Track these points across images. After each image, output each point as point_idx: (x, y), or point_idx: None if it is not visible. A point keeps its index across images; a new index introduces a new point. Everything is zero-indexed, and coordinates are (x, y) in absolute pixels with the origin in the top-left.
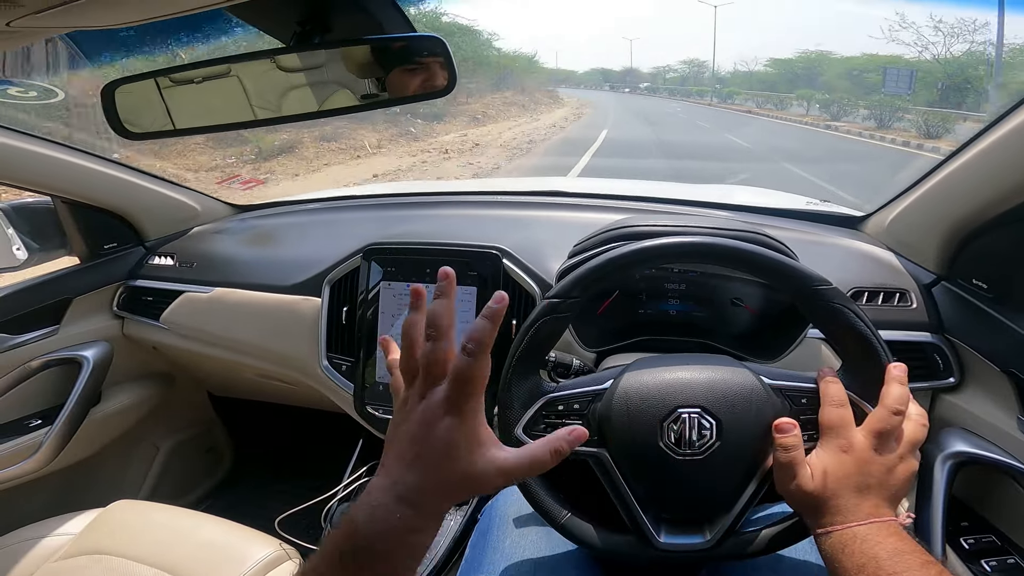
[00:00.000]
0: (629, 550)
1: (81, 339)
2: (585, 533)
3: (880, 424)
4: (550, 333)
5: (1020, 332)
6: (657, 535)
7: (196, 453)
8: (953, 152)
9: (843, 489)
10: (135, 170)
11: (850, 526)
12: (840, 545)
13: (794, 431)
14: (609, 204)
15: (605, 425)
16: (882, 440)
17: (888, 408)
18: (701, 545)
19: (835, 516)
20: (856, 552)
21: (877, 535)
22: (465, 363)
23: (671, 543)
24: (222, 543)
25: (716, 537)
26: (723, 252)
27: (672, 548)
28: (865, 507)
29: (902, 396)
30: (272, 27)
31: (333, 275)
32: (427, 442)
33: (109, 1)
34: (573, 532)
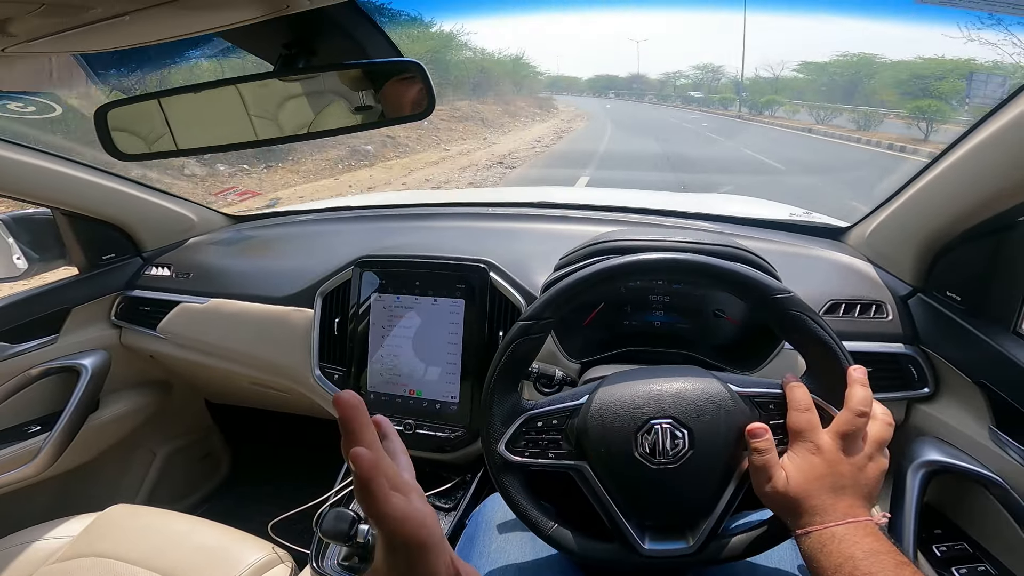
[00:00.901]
0: (615, 557)
1: (80, 348)
2: (572, 543)
3: (845, 426)
4: (526, 353)
5: (991, 344)
6: (641, 542)
7: (193, 459)
8: (929, 163)
9: (818, 490)
10: (133, 182)
11: (828, 526)
12: (819, 545)
13: (766, 435)
14: (597, 216)
15: (583, 439)
16: (849, 441)
17: (852, 410)
18: (685, 550)
19: (813, 517)
20: (834, 552)
21: (854, 535)
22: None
23: (655, 549)
24: (216, 547)
25: (699, 542)
26: (687, 267)
27: (656, 554)
28: (841, 507)
29: (865, 398)
30: (259, 50)
31: (325, 287)
32: None
33: (97, 29)
34: (560, 542)
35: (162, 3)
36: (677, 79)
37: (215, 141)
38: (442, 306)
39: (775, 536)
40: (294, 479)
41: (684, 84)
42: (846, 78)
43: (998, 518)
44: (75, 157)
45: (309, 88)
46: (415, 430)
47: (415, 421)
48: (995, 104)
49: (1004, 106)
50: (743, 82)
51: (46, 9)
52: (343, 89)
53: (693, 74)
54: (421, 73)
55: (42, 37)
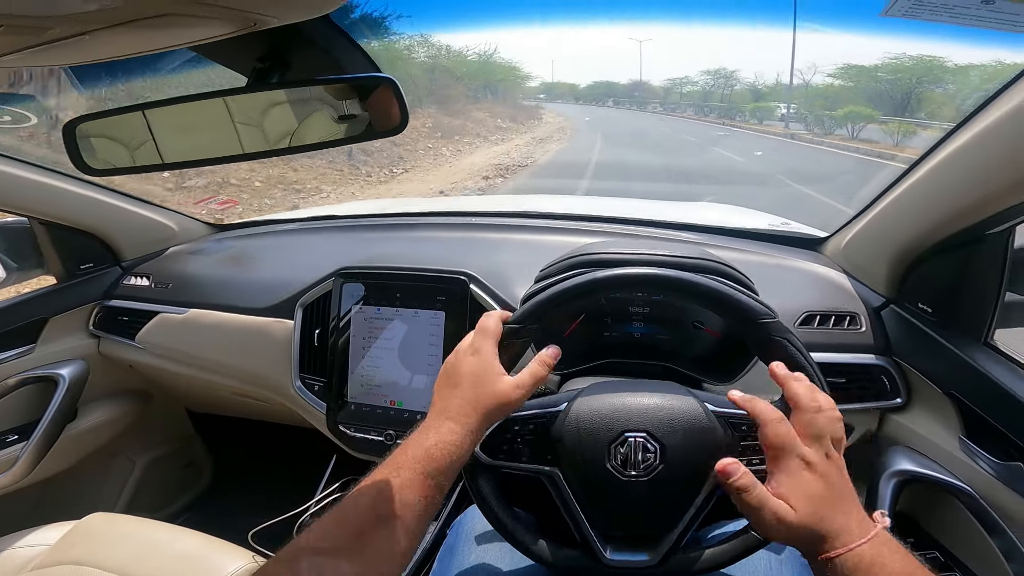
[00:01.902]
0: (577, 564)
1: (57, 357)
2: (538, 548)
3: (812, 427)
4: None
5: (961, 355)
6: (604, 551)
7: (174, 468)
8: (901, 175)
9: (829, 511)
10: (112, 191)
11: (852, 548)
12: (852, 568)
13: (741, 471)
14: (578, 227)
15: (558, 445)
16: (823, 443)
17: (808, 408)
18: (646, 563)
19: (834, 540)
20: (887, 564)
21: (881, 555)
22: (483, 317)
23: (617, 560)
24: (196, 555)
25: (660, 555)
26: (672, 283)
27: (618, 564)
28: (853, 522)
29: (809, 390)
30: (232, 62)
31: (306, 298)
32: (458, 373)
33: (61, 46)
34: (525, 545)
35: (122, 23)
36: (683, 85)
37: (194, 155)
38: (422, 318)
39: (738, 552)
40: (276, 488)
41: (692, 91)
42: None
43: (968, 527)
44: (52, 166)
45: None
46: (396, 441)
47: (396, 432)
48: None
49: (972, 119)
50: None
51: (5, 29)
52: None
53: (703, 80)
54: (394, 88)
55: (6, 54)
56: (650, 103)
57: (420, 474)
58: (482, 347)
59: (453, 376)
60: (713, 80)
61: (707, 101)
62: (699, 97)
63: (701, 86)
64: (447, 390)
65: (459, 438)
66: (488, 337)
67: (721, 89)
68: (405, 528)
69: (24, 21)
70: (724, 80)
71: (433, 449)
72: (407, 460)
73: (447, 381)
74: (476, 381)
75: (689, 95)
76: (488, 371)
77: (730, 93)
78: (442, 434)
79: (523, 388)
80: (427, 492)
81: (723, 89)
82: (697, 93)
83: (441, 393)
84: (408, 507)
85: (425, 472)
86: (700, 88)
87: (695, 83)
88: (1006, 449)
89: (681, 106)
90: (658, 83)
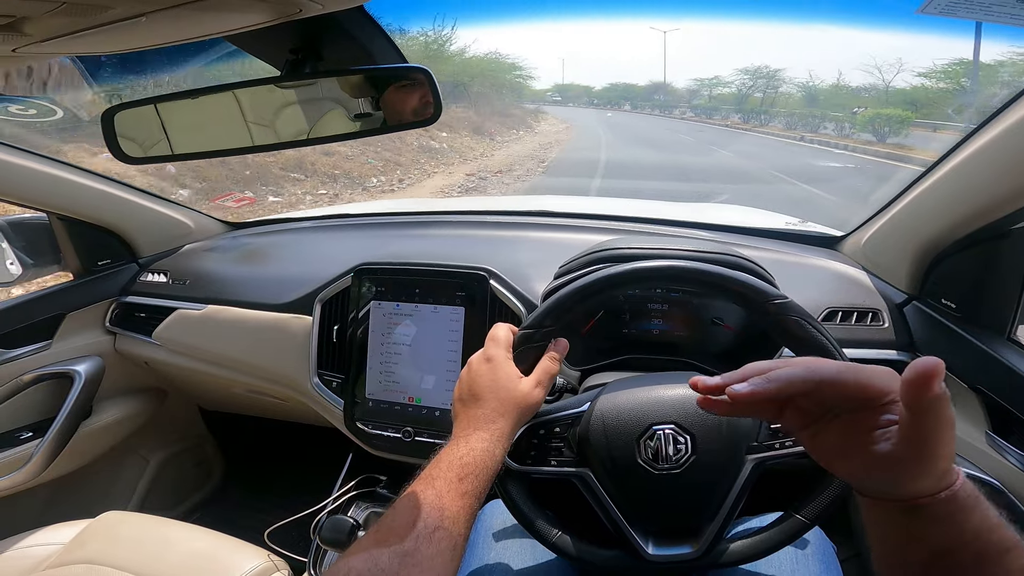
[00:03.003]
0: (620, 564)
1: (73, 354)
2: (576, 550)
3: None
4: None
5: (986, 350)
6: (645, 548)
7: (187, 466)
8: (922, 173)
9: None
10: (129, 187)
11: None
12: (971, 496)
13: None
14: (595, 224)
15: (585, 446)
16: None
17: None
18: (690, 555)
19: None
20: (974, 515)
21: (976, 493)
22: (492, 329)
23: (660, 554)
24: (211, 554)
25: (704, 547)
26: (686, 274)
27: (661, 559)
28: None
29: None
30: (266, 54)
31: (324, 294)
32: (476, 384)
33: (110, 30)
34: (564, 549)
35: (177, 5)
36: (714, 86)
37: (228, 144)
38: (442, 314)
39: (780, 540)
40: (290, 487)
41: (725, 93)
42: None
43: None
44: (73, 161)
45: (309, 95)
46: (414, 437)
47: (414, 428)
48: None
49: (997, 116)
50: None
51: (66, 8)
52: (343, 96)
53: (738, 80)
54: (428, 78)
55: (55, 38)
56: (677, 106)
57: (455, 483)
58: (495, 355)
59: (472, 388)
60: (751, 80)
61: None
62: (734, 100)
63: (735, 88)
64: (469, 403)
65: (489, 444)
66: (500, 345)
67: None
68: (450, 539)
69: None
70: (767, 81)
71: (466, 458)
72: (440, 471)
73: (467, 394)
74: (495, 387)
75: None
76: (505, 376)
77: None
78: (472, 443)
79: (541, 384)
80: (465, 501)
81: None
82: (731, 96)
83: (463, 407)
84: (448, 518)
85: (460, 480)
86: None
87: (728, 84)
88: None
89: (721, 110)
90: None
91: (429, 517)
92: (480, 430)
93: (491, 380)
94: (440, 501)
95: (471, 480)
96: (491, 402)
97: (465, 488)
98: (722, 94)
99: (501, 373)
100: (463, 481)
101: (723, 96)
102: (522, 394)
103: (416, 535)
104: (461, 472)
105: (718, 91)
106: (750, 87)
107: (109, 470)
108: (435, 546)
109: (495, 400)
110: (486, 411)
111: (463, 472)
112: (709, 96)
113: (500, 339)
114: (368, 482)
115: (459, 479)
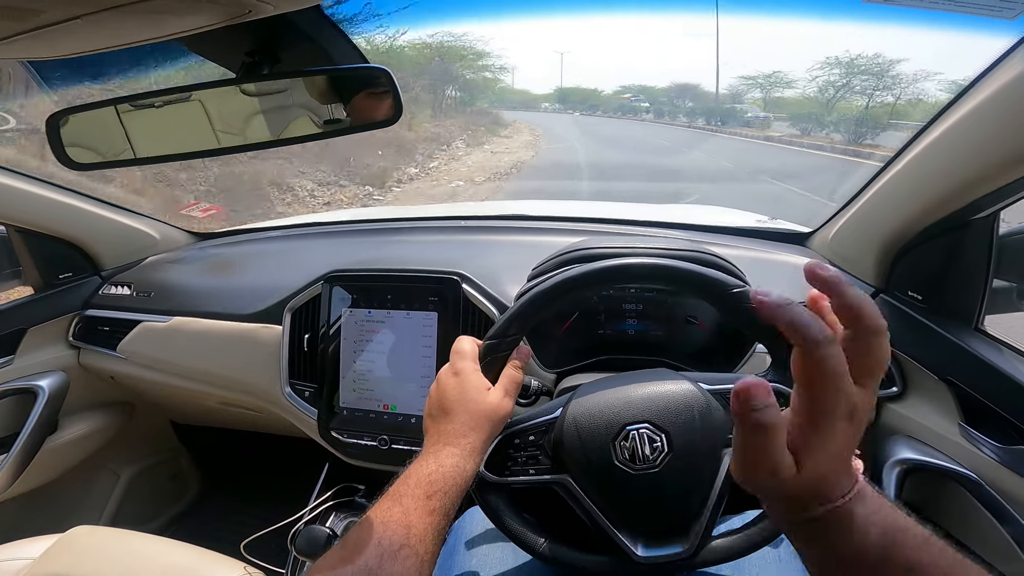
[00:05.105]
0: (611, 568)
1: (36, 369)
2: (565, 557)
3: (874, 354)
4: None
5: (954, 341)
6: (635, 550)
7: (160, 480)
8: (883, 166)
9: (831, 471)
10: (91, 198)
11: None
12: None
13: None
14: (567, 227)
15: (561, 452)
16: (876, 382)
17: (879, 330)
18: (681, 554)
19: (817, 500)
20: (856, 528)
21: (869, 504)
22: (456, 341)
23: (650, 556)
24: (186, 567)
25: (694, 545)
26: (642, 271)
27: (652, 560)
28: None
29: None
30: (220, 57)
31: (294, 303)
32: (444, 399)
33: (48, 34)
34: (552, 558)
35: (116, 7)
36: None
37: (176, 149)
38: (415, 319)
39: (773, 532)
40: (266, 498)
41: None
42: None
43: (976, 514)
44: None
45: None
46: (390, 445)
47: (390, 436)
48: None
49: (949, 108)
50: None
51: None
52: (309, 99)
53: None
54: (388, 79)
55: None
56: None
57: (423, 500)
58: (462, 367)
59: (440, 402)
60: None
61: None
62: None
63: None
64: (438, 418)
65: (460, 460)
66: (465, 357)
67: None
68: (416, 557)
69: (14, 2)
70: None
71: (435, 475)
72: (408, 488)
73: (436, 409)
74: (464, 400)
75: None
76: (474, 389)
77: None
78: (441, 459)
79: (508, 394)
80: (433, 518)
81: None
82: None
83: (432, 422)
84: (415, 535)
85: (428, 498)
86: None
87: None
88: (1007, 432)
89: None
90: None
91: (395, 535)
92: (450, 445)
93: (460, 394)
94: (407, 518)
95: (439, 497)
96: (461, 416)
97: (433, 506)
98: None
99: (470, 386)
100: (431, 499)
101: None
102: (491, 406)
103: (381, 553)
104: (429, 489)
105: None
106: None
107: (79, 485)
108: (400, 564)
109: (465, 414)
110: (456, 426)
111: (431, 489)
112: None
113: (466, 352)
114: (346, 491)
115: (427, 496)
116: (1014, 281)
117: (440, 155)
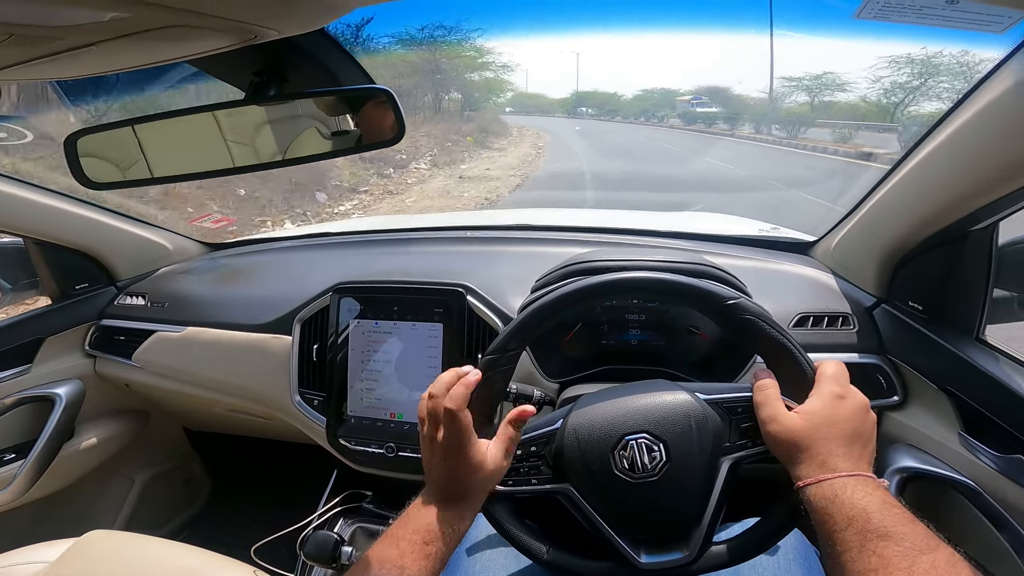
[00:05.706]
0: (614, 574)
1: (53, 377)
2: (569, 565)
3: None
4: (496, 385)
5: (954, 351)
6: (637, 557)
7: (173, 485)
8: (884, 175)
9: (824, 437)
10: (106, 210)
11: (840, 476)
12: (830, 495)
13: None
14: (574, 237)
15: (562, 462)
16: (850, 393)
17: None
18: (682, 560)
19: (822, 466)
20: (846, 503)
21: (865, 487)
22: (436, 380)
23: (653, 562)
24: (197, 570)
25: (695, 550)
26: (638, 285)
27: (654, 567)
28: (853, 457)
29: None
30: (229, 77)
31: (303, 313)
32: (442, 468)
33: (67, 57)
34: (557, 565)
35: (128, 35)
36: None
37: (190, 168)
38: (421, 330)
39: (770, 537)
40: (276, 504)
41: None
42: None
43: (975, 522)
44: (47, 185)
45: (284, 114)
46: (397, 452)
47: (397, 444)
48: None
49: (947, 118)
50: None
51: (13, 39)
52: (319, 114)
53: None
54: (390, 99)
55: (9, 66)
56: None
57: (420, 545)
58: (452, 445)
59: (433, 474)
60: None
61: None
62: None
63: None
64: (438, 482)
65: (455, 514)
66: (459, 435)
67: None
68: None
69: (32, 31)
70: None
71: (433, 524)
72: (406, 532)
73: (435, 473)
74: (457, 476)
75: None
76: (464, 470)
77: None
78: (439, 509)
79: (508, 455)
80: (428, 563)
81: None
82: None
83: (430, 470)
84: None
85: (425, 544)
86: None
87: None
88: (1006, 442)
89: None
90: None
91: (389, 574)
92: (448, 499)
93: (453, 476)
94: (402, 560)
95: (436, 544)
96: (452, 474)
97: (430, 551)
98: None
99: (460, 467)
100: (428, 545)
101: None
102: (488, 479)
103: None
104: (427, 537)
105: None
106: None
107: (94, 490)
108: None
109: (458, 491)
110: (457, 490)
111: (429, 537)
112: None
113: (455, 397)
114: (353, 497)
115: (424, 543)
116: (1015, 291)
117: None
